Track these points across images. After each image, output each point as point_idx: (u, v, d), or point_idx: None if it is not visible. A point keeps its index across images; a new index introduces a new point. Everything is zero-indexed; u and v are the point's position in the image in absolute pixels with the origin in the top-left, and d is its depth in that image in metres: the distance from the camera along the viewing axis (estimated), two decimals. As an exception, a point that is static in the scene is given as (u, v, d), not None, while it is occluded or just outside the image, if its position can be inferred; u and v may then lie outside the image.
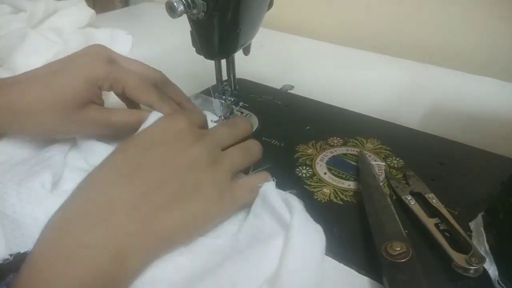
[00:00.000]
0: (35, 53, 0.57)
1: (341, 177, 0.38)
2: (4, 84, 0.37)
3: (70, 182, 0.36)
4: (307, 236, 0.28)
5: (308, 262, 0.27)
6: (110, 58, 0.39)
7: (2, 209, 0.32)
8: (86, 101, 0.37)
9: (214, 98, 0.45)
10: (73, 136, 0.39)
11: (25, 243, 0.30)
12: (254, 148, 0.36)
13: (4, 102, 0.36)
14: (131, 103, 0.42)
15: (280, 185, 0.35)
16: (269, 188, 0.32)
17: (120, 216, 0.25)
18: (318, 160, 0.40)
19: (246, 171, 0.36)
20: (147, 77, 0.40)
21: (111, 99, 0.43)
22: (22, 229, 0.31)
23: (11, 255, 0.29)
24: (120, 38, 0.70)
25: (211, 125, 0.44)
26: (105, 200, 0.26)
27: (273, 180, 0.33)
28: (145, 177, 0.27)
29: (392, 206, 0.32)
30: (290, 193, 0.33)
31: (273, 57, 0.67)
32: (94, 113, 0.37)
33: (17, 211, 0.31)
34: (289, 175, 0.38)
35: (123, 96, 0.40)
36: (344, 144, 0.42)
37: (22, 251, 0.30)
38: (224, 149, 0.33)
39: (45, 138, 0.39)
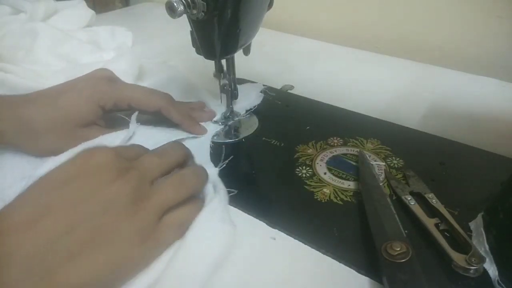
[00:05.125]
0: (57, 43, 0.60)
1: (341, 177, 0.38)
2: (15, 101, 0.38)
3: None
4: (202, 239, 0.29)
5: (194, 270, 0.27)
6: (111, 78, 0.41)
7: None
8: (88, 122, 0.39)
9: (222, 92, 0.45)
10: None
11: None
12: (191, 178, 0.31)
13: (15, 119, 0.37)
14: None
15: (280, 185, 0.35)
16: None
17: (16, 271, 0.22)
18: (318, 160, 0.40)
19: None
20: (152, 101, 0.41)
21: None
22: None
23: None
24: (120, 34, 0.70)
25: (210, 125, 0.45)
26: (1, 253, 0.22)
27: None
28: (51, 222, 0.24)
29: (392, 206, 0.32)
30: (229, 191, 0.34)
31: (273, 57, 0.67)
32: (95, 133, 0.39)
33: None
34: (289, 175, 0.38)
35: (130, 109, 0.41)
36: (344, 144, 0.42)
37: None
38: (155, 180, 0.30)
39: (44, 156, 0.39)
